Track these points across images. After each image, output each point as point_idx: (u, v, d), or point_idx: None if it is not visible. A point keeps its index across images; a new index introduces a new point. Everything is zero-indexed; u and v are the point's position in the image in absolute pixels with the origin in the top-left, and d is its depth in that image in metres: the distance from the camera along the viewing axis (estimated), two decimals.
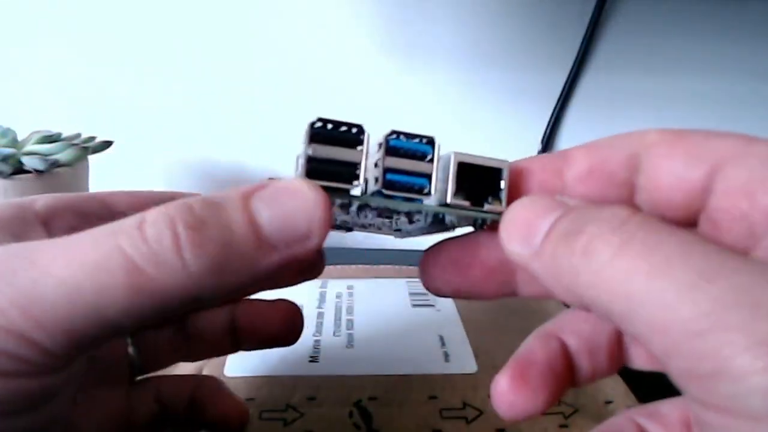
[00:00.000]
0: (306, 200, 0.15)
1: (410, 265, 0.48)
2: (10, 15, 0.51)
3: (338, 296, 0.40)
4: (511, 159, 0.18)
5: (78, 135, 0.45)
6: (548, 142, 0.55)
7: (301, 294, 0.40)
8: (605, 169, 0.18)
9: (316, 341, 0.34)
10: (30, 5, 0.51)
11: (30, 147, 0.42)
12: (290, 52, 0.53)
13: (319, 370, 0.31)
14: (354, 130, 0.17)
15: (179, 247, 0.14)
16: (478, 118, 0.56)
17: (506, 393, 0.18)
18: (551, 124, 0.55)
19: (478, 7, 0.52)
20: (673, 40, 0.53)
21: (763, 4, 0.52)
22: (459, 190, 0.18)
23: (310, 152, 0.16)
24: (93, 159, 0.45)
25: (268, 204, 0.15)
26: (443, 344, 0.34)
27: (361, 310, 0.38)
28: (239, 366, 0.31)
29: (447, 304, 0.39)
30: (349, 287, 0.42)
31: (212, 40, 0.53)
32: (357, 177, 0.17)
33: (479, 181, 0.18)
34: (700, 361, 0.11)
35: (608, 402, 0.30)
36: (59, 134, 0.44)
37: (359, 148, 0.17)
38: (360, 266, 0.47)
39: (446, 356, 0.33)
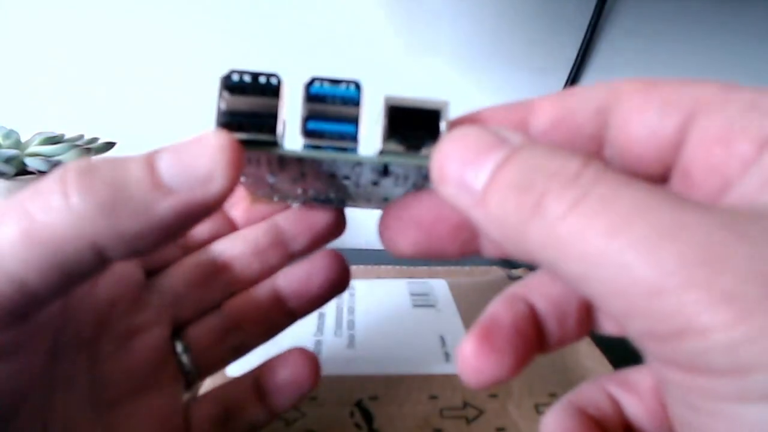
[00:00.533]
0: (208, 144, 0.15)
1: (411, 265, 0.48)
2: (12, 16, 0.51)
3: (339, 296, 0.40)
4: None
5: (81, 136, 0.45)
6: None
7: None
8: (572, 121, 0.17)
9: (318, 341, 0.34)
10: (32, 6, 0.51)
11: (33, 148, 0.42)
12: (290, 52, 0.54)
13: (321, 371, 0.31)
14: (272, 80, 0.16)
15: (66, 188, 0.14)
16: None
17: (471, 358, 0.17)
18: None
19: (478, 7, 0.53)
20: (673, 40, 0.54)
21: (763, 4, 0.52)
22: (393, 136, 0.16)
23: (222, 105, 0.16)
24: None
25: (172, 151, 0.15)
26: (444, 344, 0.34)
27: (362, 310, 0.39)
28: (240, 366, 0.32)
29: (447, 304, 0.39)
30: (351, 287, 0.42)
31: (214, 41, 0.53)
32: (275, 128, 0.16)
33: (418, 126, 0.17)
34: (662, 321, 0.11)
35: None
36: (62, 135, 0.44)
37: (278, 96, 0.16)
38: (361, 266, 0.47)
39: (447, 356, 0.33)
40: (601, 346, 0.35)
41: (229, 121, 0.16)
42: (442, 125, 0.16)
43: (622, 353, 0.34)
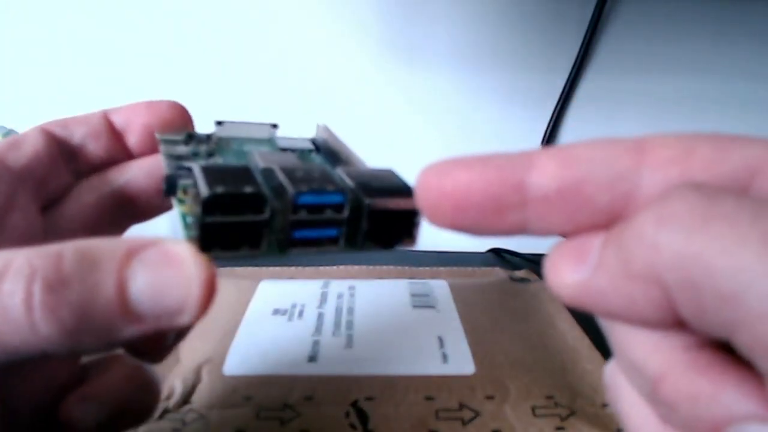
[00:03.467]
0: (184, 275, 0.14)
1: (412, 265, 0.48)
2: (12, 16, 0.51)
3: (339, 296, 0.40)
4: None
5: None
6: (548, 143, 0.55)
7: (303, 294, 0.40)
8: (582, 192, 0.14)
9: (315, 341, 0.34)
10: (32, 6, 0.51)
11: None
12: (291, 54, 0.54)
13: (318, 370, 0.31)
14: (256, 201, 0.16)
15: (31, 307, 0.13)
16: (478, 119, 0.56)
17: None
18: (551, 125, 0.55)
19: (478, 8, 0.52)
20: (673, 41, 0.53)
21: (763, 4, 0.52)
22: (371, 237, 0.17)
23: (206, 220, 0.15)
24: None
25: (147, 269, 0.14)
26: (442, 345, 0.34)
27: (362, 310, 0.38)
28: (238, 365, 0.32)
29: (447, 305, 0.39)
30: (351, 287, 0.42)
31: (213, 43, 0.53)
32: (259, 242, 0.16)
33: (394, 221, 0.17)
34: None
35: (605, 405, 0.30)
36: None
37: (262, 212, 0.16)
38: (362, 267, 0.47)
39: (444, 357, 0.33)
40: (601, 349, 0.35)
41: (210, 236, 0.15)
42: (416, 228, 0.17)
43: None
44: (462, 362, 0.33)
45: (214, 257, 0.15)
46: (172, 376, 0.31)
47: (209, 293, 0.14)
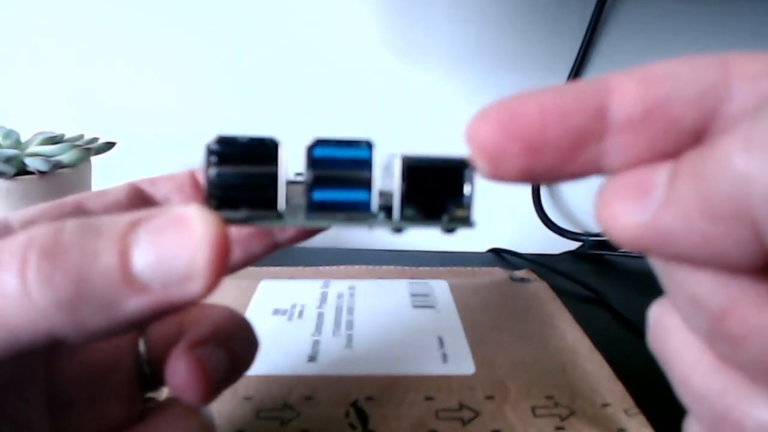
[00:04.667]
0: (190, 236, 0.13)
1: (412, 265, 0.48)
2: (12, 16, 0.51)
3: (339, 296, 0.40)
4: None
5: (81, 136, 0.45)
6: None
7: (303, 294, 0.40)
8: (667, 113, 0.12)
9: (315, 341, 0.34)
10: (32, 6, 0.51)
11: (33, 148, 0.42)
12: (292, 54, 0.54)
13: (317, 370, 0.31)
14: (267, 145, 0.14)
15: (25, 273, 0.12)
16: None
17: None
18: None
19: (478, 8, 0.52)
20: (673, 41, 0.53)
21: (763, 4, 0.52)
22: (411, 200, 0.14)
23: (210, 178, 0.14)
24: (96, 160, 0.46)
25: (151, 234, 0.13)
26: (442, 345, 0.34)
27: (362, 310, 0.38)
28: None
29: (447, 305, 0.39)
30: (351, 287, 0.42)
31: (214, 42, 0.53)
32: (275, 200, 0.14)
33: (438, 185, 0.14)
34: None
35: (605, 405, 0.30)
36: (62, 135, 0.44)
37: (275, 162, 0.14)
38: (362, 267, 0.47)
39: (444, 357, 0.33)
40: (601, 349, 0.35)
41: (220, 196, 0.14)
42: (466, 188, 0.14)
43: (623, 356, 0.34)
44: (462, 362, 0.33)
45: (227, 219, 0.14)
46: None
47: (220, 254, 0.13)
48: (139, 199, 0.21)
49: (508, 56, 0.54)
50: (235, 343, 0.21)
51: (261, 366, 0.31)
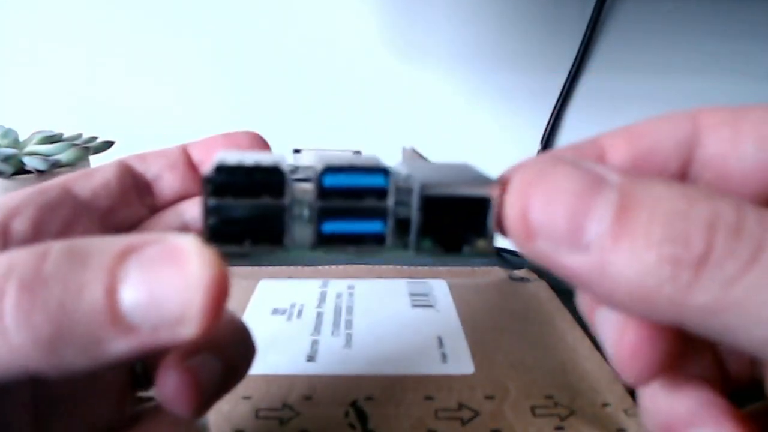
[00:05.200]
0: (186, 274, 0.11)
1: (412, 265, 0.48)
2: (12, 16, 0.51)
3: (338, 296, 0.40)
4: (512, 160, 0.14)
5: (79, 135, 0.45)
6: (548, 142, 0.55)
7: (302, 293, 0.40)
8: (655, 159, 0.15)
9: (314, 341, 0.34)
10: (32, 6, 0.51)
11: (31, 147, 0.42)
12: (292, 54, 0.54)
13: (317, 370, 0.31)
14: (273, 176, 0.13)
15: (2, 305, 0.11)
16: (478, 118, 0.56)
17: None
18: (551, 124, 0.55)
19: (478, 8, 0.52)
20: (673, 40, 0.53)
21: (763, 4, 0.52)
22: (428, 232, 0.13)
23: (209, 212, 0.13)
24: (94, 159, 0.46)
25: (143, 268, 0.12)
26: (441, 345, 0.34)
27: (361, 310, 0.38)
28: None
29: (447, 305, 0.39)
30: (350, 287, 0.42)
31: (214, 41, 0.53)
32: (281, 236, 0.13)
33: (458, 216, 0.13)
34: None
35: (605, 404, 0.30)
36: (60, 134, 0.44)
37: (282, 194, 0.13)
38: (361, 266, 0.47)
39: (444, 357, 0.33)
40: (600, 349, 0.35)
41: (220, 229, 0.13)
42: (490, 220, 0.13)
43: None
44: (461, 362, 0.32)
45: (227, 254, 0.12)
46: None
47: (217, 298, 0.12)
48: (129, 178, 0.20)
49: (508, 56, 0.54)
50: (232, 350, 0.19)
51: (260, 366, 0.31)
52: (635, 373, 0.13)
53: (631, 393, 0.31)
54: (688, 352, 0.14)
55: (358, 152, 0.19)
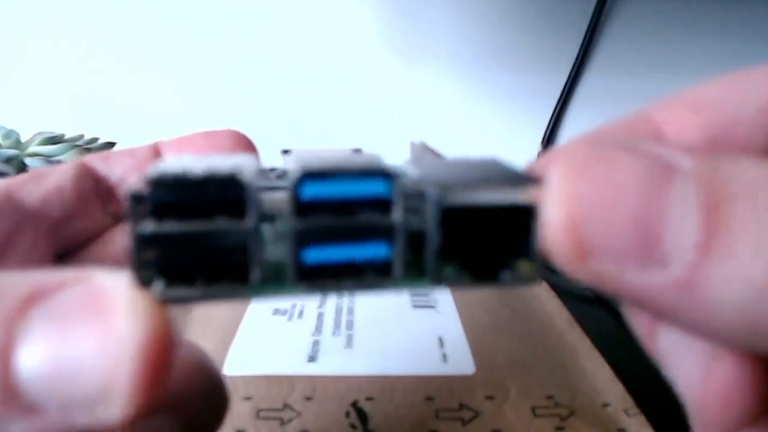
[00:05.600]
0: (109, 336, 0.08)
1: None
2: (12, 17, 0.51)
3: (339, 296, 0.40)
4: (512, 160, 0.11)
5: (81, 136, 0.45)
6: (549, 142, 0.55)
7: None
8: (731, 137, 0.11)
9: (315, 341, 0.34)
10: (32, 6, 0.51)
11: (33, 148, 0.42)
12: (292, 54, 0.54)
13: (317, 370, 0.31)
14: (231, 191, 0.09)
15: None
16: (478, 118, 0.56)
17: None
18: (552, 124, 0.55)
19: (479, 8, 0.52)
20: (674, 40, 0.53)
21: (763, 4, 0.52)
22: (452, 254, 0.10)
23: (143, 234, 0.09)
24: None
25: (51, 324, 0.09)
26: (442, 345, 0.34)
27: (362, 310, 0.38)
28: (238, 365, 0.32)
29: (447, 305, 0.39)
30: None
31: (215, 42, 0.53)
32: (245, 271, 0.09)
33: (490, 228, 0.10)
34: None
35: (605, 405, 0.30)
36: (62, 136, 0.44)
37: (243, 213, 0.09)
38: None
39: (444, 357, 0.33)
40: (601, 349, 0.35)
41: (159, 265, 0.09)
42: (534, 231, 0.10)
43: (623, 356, 0.33)
44: (462, 362, 0.32)
45: (172, 299, 0.09)
46: None
47: (155, 365, 0.08)
48: (89, 182, 0.17)
49: (509, 56, 0.54)
50: (196, 405, 0.15)
51: (261, 366, 0.31)
52: (727, 422, 0.10)
53: (631, 393, 0.31)
54: None
55: (358, 150, 0.15)
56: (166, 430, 0.14)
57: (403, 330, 0.36)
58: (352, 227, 0.09)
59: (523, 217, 0.10)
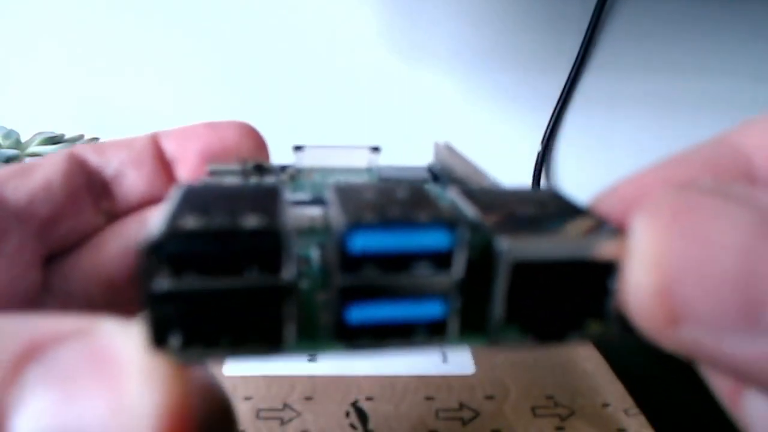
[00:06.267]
0: (122, 404, 0.07)
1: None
2: (12, 16, 0.51)
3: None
4: (512, 160, 0.10)
5: (81, 136, 0.45)
6: (548, 143, 0.55)
7: None
8: None
9: None
10: (32, 6, 0.51)
11: (33, 148, 0.42)
12: (291, 54, 0.54)
13: (318, 370, 0.31)
14: (264, 235, 0.08)
15: None
16: (478, 119, 0.56)
17: None
18: (552, 124, 0.55)
19: (478, 8, 0.52)
20: (673, 41, 0.53)
21: (763, 4, 0.52)
22: (515, 313, 0.09)
23: (160, 291, 0.08)
24: None
25: (51, 388, 0.07)
26: None
27: None
28: (238, 365, 0.32)
29: None
30: None
31: (215, 42, 0.53)
32: (279, 330, 0.08)
33: (562, 285, 0.09)
34: None
35: (606, 405, 0.30)
36: (62, 136, 0.44)
37: (279, 270, 0.08)
38: None
39: (444, 357, 0.33)
40: (601, 349, 0.35)
41: (180, 325, 0.08)
42: (612, 290, 0.09)
43: (623, 356, 0.33)
44: (462, 362, 0.33)
45: (191, 360, 0.08)
46: None
47: None
48: (81, 176, 0.16)
49: (509, 56, 0.54)
50: None
51: (261, 366, 0.31)
52: None
53: (631, 393, 0.31)
54: None
55: (376, 149, 0.15)
56: None
57: None
58: (407, 286, 0.08)
59: (600, 273, 0.09)
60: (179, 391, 0.07)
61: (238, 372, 0.31)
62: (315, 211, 0.10)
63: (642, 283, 0.08)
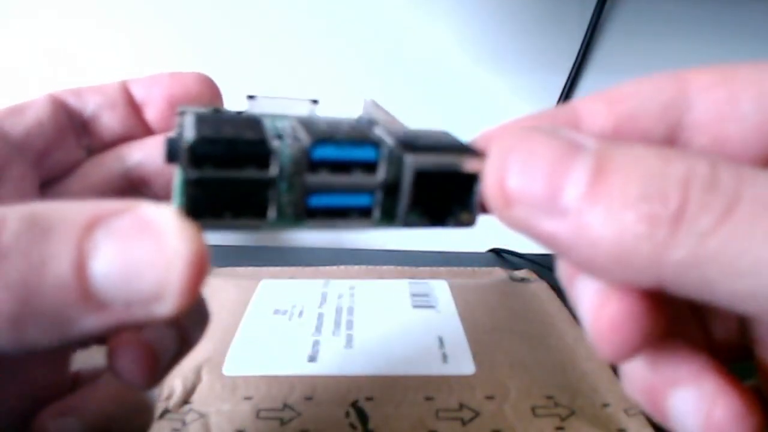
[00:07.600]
0: (163, 250, 0.11)
1: (412, 265, 0.48)
2: (12, 16, 0.51)
3: (340, 296, 0.40)
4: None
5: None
6: None
7: (303, 294, 0.40)
8: (637, 126, 0.14)
9: (315, 341, 0.34)
10: (32, 6, 0.51)
11: None
12: (290, 50, 0.54)
13: (318, 370, 0.31)
14: (259, 150, 0.12)
15: None
16: (477, 119, 0.56)
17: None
18: None
19: (478, 8, 0.52)
20: (673, 41, 0.53)
21: (763, 4, 0.52)
22: (416, 204, 0.13)
23: (191, 178, 0.12)
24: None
25: (115, 240, 0.11)
26: (442, 345, 0.34)
27: (362, 310, 0.38)
28: (238, 365, 0.32)
29: (447, 306, 0.39)
30: (351, 287, 0.42)
31: (215, 43, 0.53)
32: (265, 209, 0.13)
33: (443, 186, 0.13)
34: None
35: (605, 405, 0.30)
36: None
37: (267, 167, 0.12)
38: (362, 267, 0.47)
39: (444, 357, 0.33)
40: None
41: (200, 201, 0.12)
42: (475, 193, 0.13)
43: None
44: (462, 362, 0.33)
45: (206, 227, 0.12)
46: (172, 376, 0.31)
47: (196, 274, 0.11)
48: (64, 116, 0.19)
49: (509, 56, 0.54)
50: (188, 320, 0.18)
51: (261, 366, 0.31)
52: (615, 348, 0.12)
53: None
54: (673, 327, 0.13)
55: (315, 101, 0.19)
56: (170, 340, 0.16)
57: (403, 330, 0.36)
58: (348, 184, 0.13)
59: (470, 180, 0.13)
60: (200, 245, 0.11)
61: (238, 372, 0.31)
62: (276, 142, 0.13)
63: (489, 182, 0.12)
